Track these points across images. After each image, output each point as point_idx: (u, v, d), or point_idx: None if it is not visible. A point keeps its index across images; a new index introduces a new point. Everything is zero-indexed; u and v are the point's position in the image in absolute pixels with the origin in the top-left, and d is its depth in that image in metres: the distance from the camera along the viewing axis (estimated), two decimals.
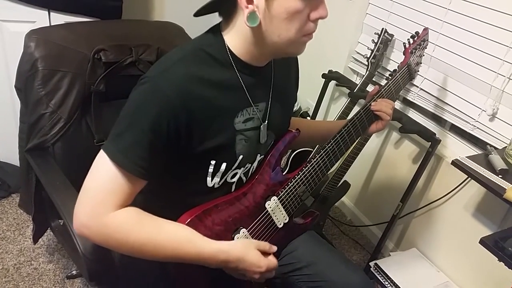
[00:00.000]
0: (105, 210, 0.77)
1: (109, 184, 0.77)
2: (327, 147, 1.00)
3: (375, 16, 1.92)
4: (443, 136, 1.69)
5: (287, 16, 0.75)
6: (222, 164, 0.86)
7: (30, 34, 1.19)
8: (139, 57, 1.27)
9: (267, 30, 0.77)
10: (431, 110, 1.69)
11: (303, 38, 0.80)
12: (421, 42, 1.30)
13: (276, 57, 0.89)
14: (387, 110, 1.06)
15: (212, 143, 0.82)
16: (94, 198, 0.77)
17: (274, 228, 1.00)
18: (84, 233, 0.79)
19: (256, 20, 0.75)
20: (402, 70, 1.18)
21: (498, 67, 1.42)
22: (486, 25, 1.44)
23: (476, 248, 1.16)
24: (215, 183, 0.89)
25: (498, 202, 1.29)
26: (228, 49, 0.82)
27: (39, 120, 1.20)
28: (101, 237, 0.79)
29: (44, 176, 1.17)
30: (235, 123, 0.85)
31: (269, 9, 0.75)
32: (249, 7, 0.74)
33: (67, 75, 1.20)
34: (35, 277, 1.59)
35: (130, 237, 0.78)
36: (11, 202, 1.91)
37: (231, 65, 0.82)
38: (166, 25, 1.47)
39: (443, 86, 1.63)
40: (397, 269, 1.65)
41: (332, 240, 2.03)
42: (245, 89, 0.85)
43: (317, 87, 2.07)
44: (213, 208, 0.89)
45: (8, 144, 1.89)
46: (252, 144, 0.91)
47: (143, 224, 0.80)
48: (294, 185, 0.98)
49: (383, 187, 1.99)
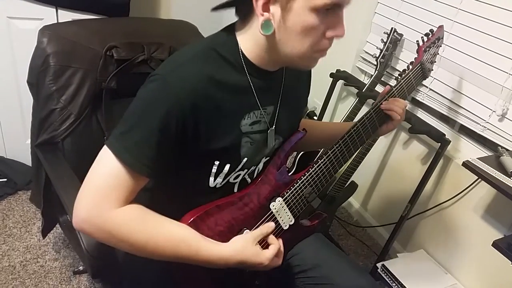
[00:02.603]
0: (109, 206, 0.76)
1: (113, 180, 0.76)
2: (335, 148, 0.97)
3: (384, 16, 1.90)
4: (453, 137, 1.67)
5: (302, 30, 0.73)
6: (226, 165, 0.85)
7: (43, 30, 1.19)
8: (151, 55, 1.27)
9: (281, 40, 0.76)
10: (441, 111, 1.68)
11: (315, 54, 0.79)
12: (435, 40, 1.26)
13: (286, 65, 0.88)
14: (398, 110, 1.03)
15: (218, 144, 0.81)
16: (97, 193, 0.76)
17: (279, 230, 0.98)
18: (84, 228, 0.78)
19: (270, 29, 0.74)
20: (415, 69, 1.16)
21: (509, 68, 1.40)
22: (498, 25, 1.43)
23: (485, 250, 1.15)
24: (217, 183, 0.88)
25: (509, 204, 1.29)
26: (241, 51, 0.80)
27: (49, 115, 1.21)
28: (103, 233, 0.77)
29: (52, 171, 1.17)
30: (241, 125, 0.84)
31: (285, 20, 0.73)
32: (264, 15, 0.72)
33: (78, 71, 1.20)
34: (41, 275, 1.58)
35: (133, 235, 0.78)
36: (17, 200, 1.91)
37: (243, 68, 0.81)
38: (180, 23, 1.47)
39: (453, 86, 1.61)
40: (404, 271, 1.64)
41: (338, 241, 2.02)
42: (254, 92, 0.84)
43: (325, 86, 2.06)
44: (216, 209, 0.88)
45: (15, 142, 1.91)
46: (258, 147, 0.89)
47: (146, 222, 0.79)
48: (300, 186, 0.96)
49: (391, 188, 1.98)
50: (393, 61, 1.77)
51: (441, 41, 1.31)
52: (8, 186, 1.91)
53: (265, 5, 0.72)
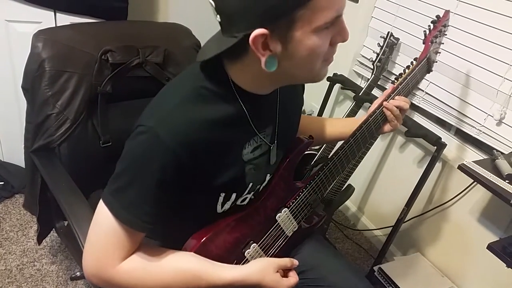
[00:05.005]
0: (112, 263, 0.76)
1: (113, 238, 0.75)
2: (340, 153, 0.97)
3: (380, 20, 1.92)
4: (449, 140, 1.68)
5: (309, 53, 0.69)
6: (232, 195, 0.85)
7: (37, 35, 1.18)
8: (146, 59, 1.27)
9: (287, 68, 0.72)
10: (437, 114, 1.69)
11: (325, 65, 0.76)
12: (441, 28, 1.17)
13: (294, 83, 0.84)
14: (397, 113, 1.03)
15: (222, 179, 0.80)
16: (99, 251, 0.76)
17: (284, 238, 0.98)
18: (94, 282, 0.78)
19: (274, 64, 0.69)
20: (422, 63, 1.10)
21: (504, 72, 1.41)
22: (493, 30, 1.44)
23: (481, 253, 1.15)
24: (225, 209, 0.87)
25: (504, 207, 1.29)
26: (231, 81, 0.76)
27: (45, 121, 1.19)
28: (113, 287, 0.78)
29: (49, 177, 1.16)
30: (243, 154, 0.82)
31: (288, 51, 0.68)
32: (265, 54, 0.68)
33: (74, 75, 1.19)
34: (38, 278, 1.58)
35: (141, 283, 0.78)
36: (14, 203, 1.90)
37: (235, 97, 0.76)
38: (174, 26, 1.46)
39: (449, 90, 1.62)
40: (401, 274, 1.64)
41: (335, 244, 2.03)
42: (250, 119, 0.80)
43: (322, 90, 2.07)
44: (224, 228, 0.87)
45: (12, 145, 1.91)
46: (261, 169, 0.88)
47: (149, 271, 0.78)
48: (306, 195, 0.96)
49: (388, 191, 1.98)
50: (389, 65, 1.78)
51: (447, 28, 1.22)
52: (5, 189, 1.91)
53: (264, 45, 0.67)
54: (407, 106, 1.03)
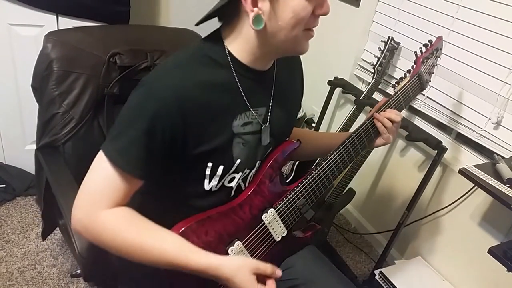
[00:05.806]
0: (99, 208, 0.78)
1: (106, 182, 0.78)
2: (329, 159, 0.97)
3: (381, 24, 1.92)
4: (450, 144, 1.68)
5: (293, 15, 0.76)
6: (219, 167, 0.86)
7: (48, 36, 1.22)
8: (154, 62, 1.29)
9: (273, 31, 0.78)
10: (438, 119, 1.69)
11: (307, 35, 0.81)
12: (434, 51, 1.23)
13: (280, 56, 0.89)
14: (387, 123, 1.02)
15: (209, 145, 0.82)
16: (90, 195, 0.79)
17: (271, 241, 0.97)
18: (77, 229, 0.80)
19: (261, 23, 0.76)
20: (413, 80, 1.14)
21: (505, 76, 1.42)
22: (493, 34, 1.45)
23: (482, 257, 1.15)
24: (212, 186, 0.88)
25: (505, 211, 1.29)
26: (228, 51, 0.82)
27: (51, 119, 1.23)
28: (91, 234, 0.80)
29: (51, 173, 1.18)
30: (233, 126, 0.85)
31: (275, 11, 0.76)
32: (254, 10, 0.75)
33: (81, 76, 1.22)
34: (39, 281, 1.58)
35: (118, 236, 0.78)
36: (15, 205, 1.91)
37: (230, 66, 0.82)
38: (183, 32, 1.48)
39: (450, 94, 1.63)
40: (402, 278, 1.64)
41: (336, 248, 2.03)
42: (242, 92, 0.85)
43: (323, 93, 2.08)
44: (207, 219, 0.88)
45: (13, 147, 1.91)
46: (251, 149, 0.89)
47: (133, 225, 0.80)
48: (293, 198, 0.96)
49: (389, 195, 1.99)
50: (390, 69, 1.79)
51: (439, 52, 1.28)
52: (6, 192, 1.91)
53: (254, 1, 0.74)
54: (398, 119, 1.03)
